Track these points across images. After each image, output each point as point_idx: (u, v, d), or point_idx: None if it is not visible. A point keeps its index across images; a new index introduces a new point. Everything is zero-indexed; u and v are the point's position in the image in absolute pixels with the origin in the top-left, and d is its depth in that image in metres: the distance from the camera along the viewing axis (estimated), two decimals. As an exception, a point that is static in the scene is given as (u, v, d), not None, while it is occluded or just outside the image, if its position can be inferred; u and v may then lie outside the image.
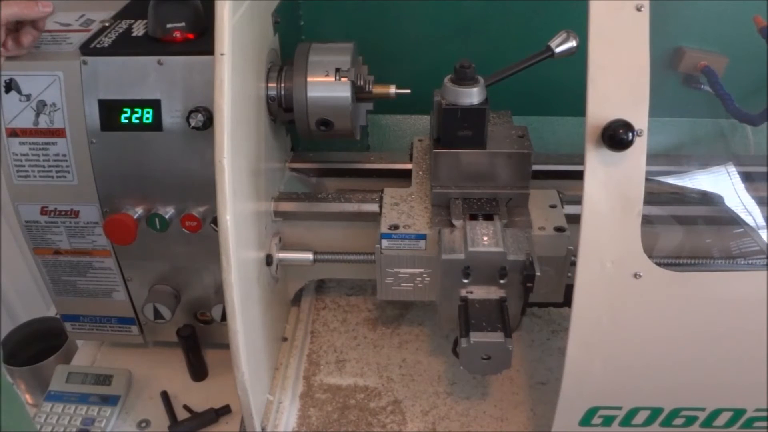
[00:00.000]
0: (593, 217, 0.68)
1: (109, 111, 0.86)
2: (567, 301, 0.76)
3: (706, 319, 0.73)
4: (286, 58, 0.97)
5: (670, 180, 0.97)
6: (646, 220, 0.69)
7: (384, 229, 0.88)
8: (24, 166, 0.90)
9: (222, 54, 0.71)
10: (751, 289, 0.71)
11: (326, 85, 0.89)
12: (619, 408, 0.80)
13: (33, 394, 1.08)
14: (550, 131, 1.20)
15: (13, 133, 0.88)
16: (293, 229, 1.00)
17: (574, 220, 0.75)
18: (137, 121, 0.86)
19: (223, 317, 0.93)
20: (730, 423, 0.82)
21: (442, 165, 0.88)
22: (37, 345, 1.13)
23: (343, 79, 0.89)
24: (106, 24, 0.95)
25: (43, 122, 0.88)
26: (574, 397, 0.79)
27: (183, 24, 0.86)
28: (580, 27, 0.69)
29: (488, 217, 0.86)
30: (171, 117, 0.86)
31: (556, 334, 1.10)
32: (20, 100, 0.87)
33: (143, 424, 0.99)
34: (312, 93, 0.89)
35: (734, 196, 0.95)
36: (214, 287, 0.99)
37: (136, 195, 0.91)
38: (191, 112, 0.83)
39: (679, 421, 0.81)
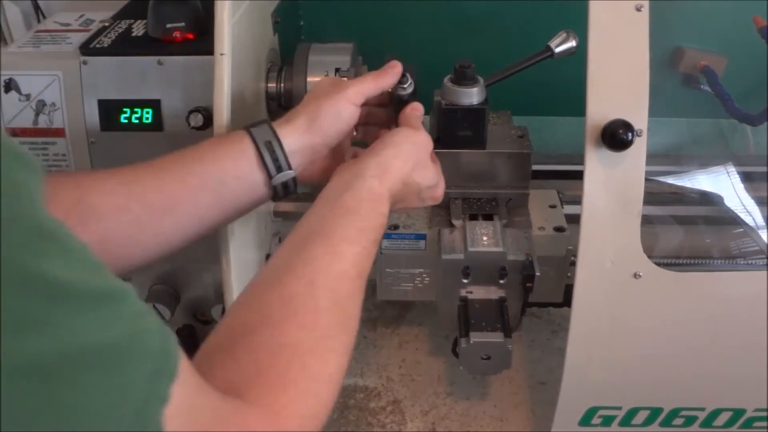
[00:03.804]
0: (593, 217, 0.68)
1: (109, 111, 0.86)
2: (567, 301, 0.76)
3: (705, 319, 0.73)
4: (286, 58, 0.97)
5: (670, 180, 0.97)
6: (646, 220, 0.69)
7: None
8: (24, 166, 0.90)
9: (222, 54, 0.71)
10: (751, 289, 0.72)
11: (326, 85, 0.89)
12: (619, 408, 0.80)
13: (33, 394, 1.08)
14: (550, 131, 1.20)
15: (13, 132, 0.88)
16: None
17: (574, 220, 0.75)
18: (137, 121, 0.86)
19: (223, 317, 0.92)
20: (730, 423, 0.82)
21: (441, 165, 0.88)
22: (37, 345, 1.13)
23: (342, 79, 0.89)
24: (106, 24, 0.95)
25: (43, 122, 0.88)
26: (574, 397, 0.79)
27: (183, 24, 0.86)
28: (580, 27, 0.69)
29: (488, 217, 0.86)
30: (171, 117, 0.86)
31: (556, 334, 1.10)
32: (20, 100, 0.87)
33: (143, 424, 0.99)
34: (312, 93, 0.89)
35: (734, 196, 0.95)
36: (214, 287, 0.99)
37: (136, 195, 0.91)
38: (191, 112, 0.83)
39: (678, 421, 0.81)
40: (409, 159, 0.64)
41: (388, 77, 0.71)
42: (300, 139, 0.64)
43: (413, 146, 0.65)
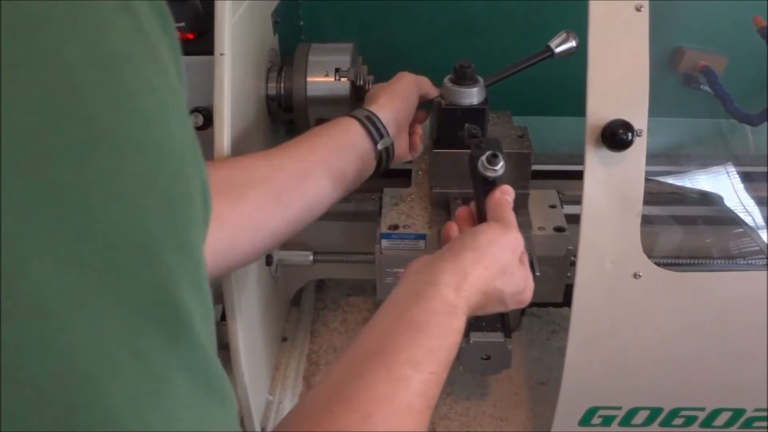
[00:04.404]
0: (593, 217, 0.68)
1: (109, 111, 0.86)
2: (567, 301, 0.76)
3: (705, 319, 0.73)
4: (286, 58, 0.97)
5: (670, 180, 0.97)
6: (646, 220, 0.69)
7: (384, 229, 0.88)
8: (24, 166, 0.90)
9: (222, 54, 0.71)
10: (750, 289, 0.72)
11: (326, 85, 0.89)
12: (619, 408, 0.80)
13: (33, 394, 1.08)
14: (550, 131, 1.20)
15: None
16: (293, 229, 1.00)
17: (574, 220, 0.75)
18: (137, 121, 0.86)
19: (223, 317, 0.93)
20: (730, 423, 0.82)
21: (441, 165, 0.88)
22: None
23: (342, 79, 0.89)
24: (106, 24, 0.94)
25: (43, 122, 0.88)
26: (574, 397, 0.79)
27: (183, 24, 0.86)
28: (580, 27, 0.69)
29: (488, 217, 0.86)
30: (171, 117, 0.86)
31: (556, 334, 1.10)
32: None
33: (143, 424, 0.99)
34: (312, 93, 0.89)
35: (734, 196, 0.95)
36: (214, 287, 0.99)
37: (136, 195, 0.91)
38: (191, 112, 0.83)
39: (678, 421, 0.81)
40: (492, 266, 0.55)
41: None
42: (387, 113, 0.74)
43: (499, 250, 0.56)
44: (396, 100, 0.75)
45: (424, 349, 0.46)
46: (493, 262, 0.55)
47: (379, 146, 0.72)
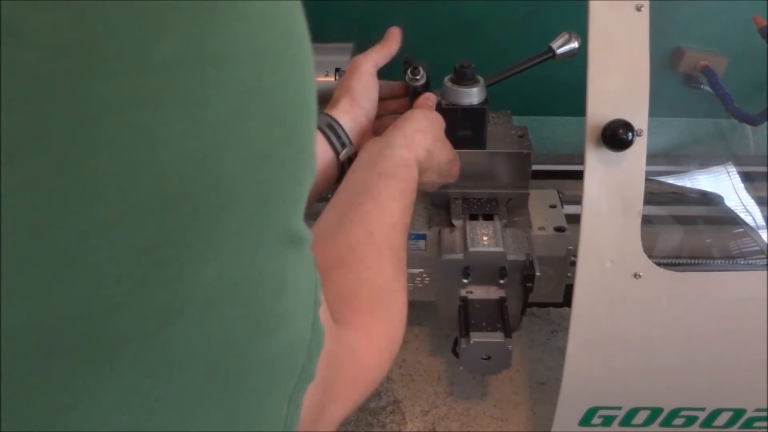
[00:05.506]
0: (593, 217, 0.68)
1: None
2: (567, 301, 0.76)
3: (706, 319, 0.73)
4: (286, 58, 0.97)
5: (670, 180, 0.97)
6: (646, 220, 0.69)
7: (384, 229, 0.88)
8: (24, 166, 0.90)
9: (222, 54, 0.71)
10: (751, 289, 0.72)
11: (326, 85, 0.89)
12: (619, 408, 0.80)
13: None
14: (550, 131, 1.20)
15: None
16: (293, 229, 1.00)
17: (574, 220, 0.75)
18: (137, 121, 0.86)
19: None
20: (730, 423, 0.82)
21: (442, 165, 0.88)
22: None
23: (343, 79, 0.89)
24: (106, 24, 0.94)
25: (43, 122, 0.87)
26: (574, 397, 0.79)
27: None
28: (580, 27, 0.69)
29: (488, 217, 0.86)
30: (171, 117, 0.86)
31: (556, 334, 1.10)
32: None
33: (143, 424, 0.99)
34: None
35: (734, 196, 0.95)
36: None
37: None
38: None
39: (678, 421, 0.81)
40: (428, 133, 0.69)
41: (391, 43, 0.81)
42: (349, 117, 0.72)
43: (430, 122, 0.71)
44: (355, 106, 0.73)
45: (396, 189, 0.59)
46: (427, 131, 0.69)
47: (342, 157, 0.69)
